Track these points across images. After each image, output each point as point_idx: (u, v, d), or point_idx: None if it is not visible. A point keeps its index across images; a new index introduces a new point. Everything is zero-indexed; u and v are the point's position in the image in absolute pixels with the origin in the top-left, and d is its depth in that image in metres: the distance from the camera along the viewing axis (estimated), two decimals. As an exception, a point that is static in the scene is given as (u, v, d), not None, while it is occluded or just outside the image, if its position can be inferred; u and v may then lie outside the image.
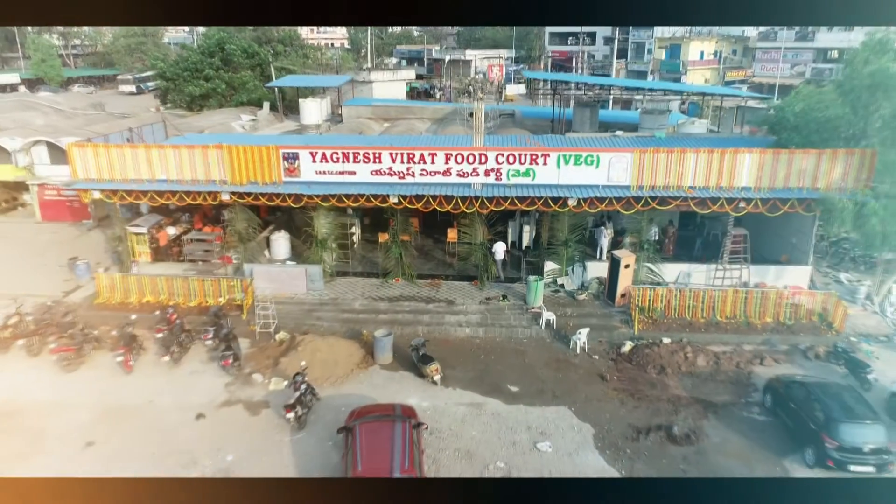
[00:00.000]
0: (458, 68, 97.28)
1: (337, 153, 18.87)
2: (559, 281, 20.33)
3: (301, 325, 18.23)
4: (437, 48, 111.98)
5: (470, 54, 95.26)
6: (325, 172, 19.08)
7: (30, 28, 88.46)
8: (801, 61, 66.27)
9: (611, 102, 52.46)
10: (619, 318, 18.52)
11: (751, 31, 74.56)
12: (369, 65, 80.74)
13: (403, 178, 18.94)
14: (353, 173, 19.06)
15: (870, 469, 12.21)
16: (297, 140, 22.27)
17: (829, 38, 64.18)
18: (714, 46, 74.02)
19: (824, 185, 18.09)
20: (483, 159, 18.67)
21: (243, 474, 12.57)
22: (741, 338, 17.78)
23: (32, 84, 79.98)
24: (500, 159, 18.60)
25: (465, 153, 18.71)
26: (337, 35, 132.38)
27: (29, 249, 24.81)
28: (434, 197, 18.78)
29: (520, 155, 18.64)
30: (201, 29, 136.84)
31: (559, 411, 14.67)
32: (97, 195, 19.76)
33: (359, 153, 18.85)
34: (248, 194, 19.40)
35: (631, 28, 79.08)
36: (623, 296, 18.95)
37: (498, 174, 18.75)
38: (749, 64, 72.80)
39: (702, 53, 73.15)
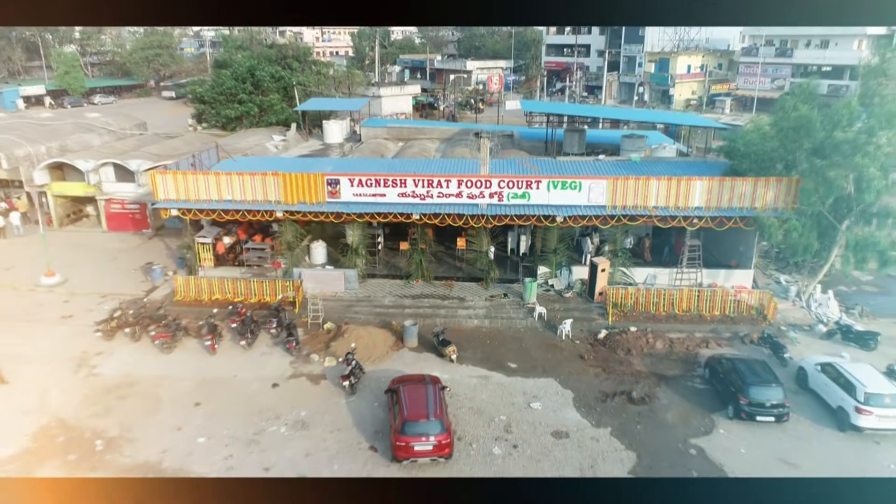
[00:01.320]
0: (460, 79, 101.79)
1: (371, 179, 23.43)
2: (550, 282, 24.91)
3: (343, 317, 22.81)
4: (440, 58, 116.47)
5: (470, 65, 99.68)
6: (360, 194, 23.63)
7: (50, 35, 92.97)
8: (781, 76, 70.71)
9: (601, 121, 57.10)
10: (597, 312, 23.14)
11: (736, 45, 79.09)
12: (377, 78, 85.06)
13: (424, 199, 23.49)
14: (384, 195, 23.61)
15: (771, 419, 16.82)
16: (337, 167, 26.65)
17: (806, 54, 68.74)
18: (700, 60, 78.40)
19: (760, 205, 22.70)
20: (488, 184, 23.25)
21: (315, 427, 17.12)
22: (693, 327, 22.40)
23: (56, 95, 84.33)
24: (502, 184, 23.18)
25: (474, 179, 23.28)
26: (342, 44, 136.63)
27: (103, 255, 29.37)
28: (448, 214, 23.39)
29: (518, 181, 23.23)
30: (210, 33, 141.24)
31: (547, 381, 19.27)
32: (174, 212, 24.32)
33: (388, 179, 23.41)
34: (298, 212, 23.98)
35: (623, 42, 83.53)
36: (600, 294, 23.56)
37: (500, 196, 23.34)
38: (733, 77, 77.26)
39: (689, 67, 77.55)
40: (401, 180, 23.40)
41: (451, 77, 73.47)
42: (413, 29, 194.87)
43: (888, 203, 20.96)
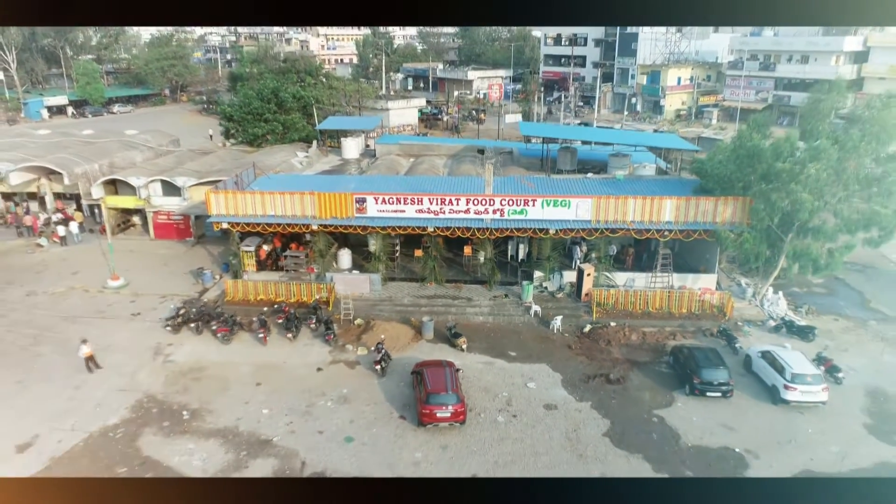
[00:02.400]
0: (461, 87, 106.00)
1: (392, 198, 27.70)
2: (544, 284, 29.19)
3: (370, 314, 27.09)
4: (441, 66, 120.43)
5: (472, 75, 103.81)
6: (383, 210, 27.88)
7: (70, 50, 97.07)
8: (764, 88, 75.07)
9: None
10: (583, 310, 27.44)
11: (724, 58, 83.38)
12: (383, 88, 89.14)
13: (437, 214, 27.74)
14: (403, 211, 27.86)
15: (718, 394, 21.11)
16: (360, 185, 30.89)
17: (788, 68, 73.05)
18: (690, 72, 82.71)
19: (720, 220, 26.97)
20: (492, 202, 27.52)
21: (354, 401, 21.38)
22: (664, 322, 26.70)
23: (78, 105, 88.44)
24: (503, 202, 27.46)
25: (480, 198, 27.54)
26: (347, 52, 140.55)
27: (155, 261, 33.64)
28: (458, 227, 27.67)
29: (516, 199, 27.50)
30: (216, 37, 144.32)
31: (541, 366, 23.56)
32: (225, 226, 28.60)
33: (407, 198, 27.67)
34: (330, 225, 28.27)
35: (617, 54, 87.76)
36: (586, 294, 27.86)
37: (501, 212, 27.60)
38: (721, 88, 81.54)
39: (679, 79, 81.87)
40: (418, 198, 27.67)
41: (455, 93, 77.43)
42: (413, 32, 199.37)
43: (825, 220, 25.19)
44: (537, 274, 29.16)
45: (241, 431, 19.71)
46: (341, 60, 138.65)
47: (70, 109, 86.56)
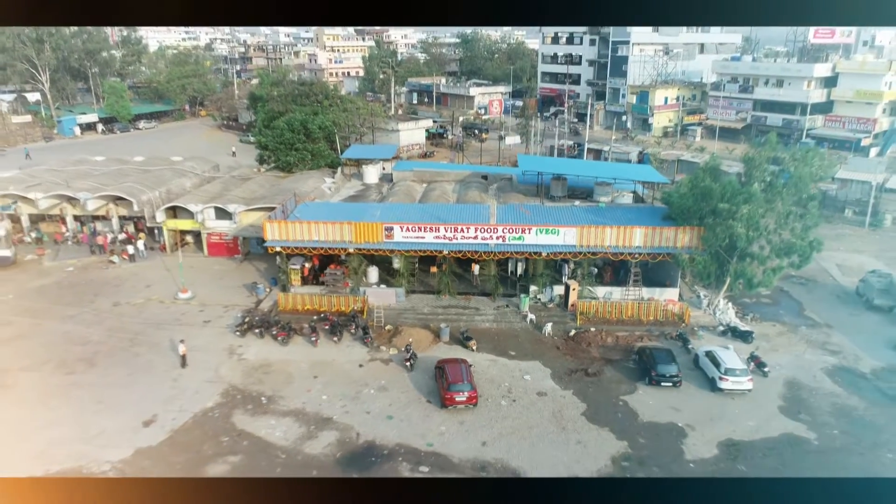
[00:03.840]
0: (463, 103, 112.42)
1: (414, 226, 34.11)
2: (538, 296, 35.61)
3: (397, 321, 33.52)
4: (444, 80, 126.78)
5: (473, 91, 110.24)
6: (407, 237, 34.31)
7: (97, 69, 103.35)
8: (744, 109, 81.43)
9: (585, 152, 67.91)
10: (570, 318, 33.89)
11: (707, 79, 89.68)
12: (392, 106, 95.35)
13: (451, 240, 34.17)
14: (423, 237, 34.29)
15: (670, 384, 27.52)
16: (384, 213, 37.30)
17: (764, 91, 79.36)
18: (676, 92, 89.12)
19: (680, 245, 33.43)
20: (496, 230, 33.96)
21: (391, 390, 27.76)
22: (634, 328, 33.14)
23: (107, 122, 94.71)
24: (505, 231, 33.90)
25: (485, 227, 33.97)
26: (353, 65, 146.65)
27: (212, 275, 40.05)
28: (468, 250, 34.12)
29: (515, 228, 33.94)
30: (222, 45, 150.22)
31: (535, 363, 29.99)
32: (278, 249, 35.03)
33: (427, 226, 34.05)
34: (364, 248, 34.70)
35: (609, 75, 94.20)
36: (572, 305, 34.31)
37: (503, 238, 34.03)
38: (705, 108, 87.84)
39: (665, 99, 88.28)
40: (435, 227, 34.11)
41: (461, 118, 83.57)
42: (415, 40, 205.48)
43: (763, 246, 31.54)
44: (532, 288, 35.59)
45: (308, 412, 26.16)
46: (348, 73, 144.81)
47: (100, 126, 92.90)
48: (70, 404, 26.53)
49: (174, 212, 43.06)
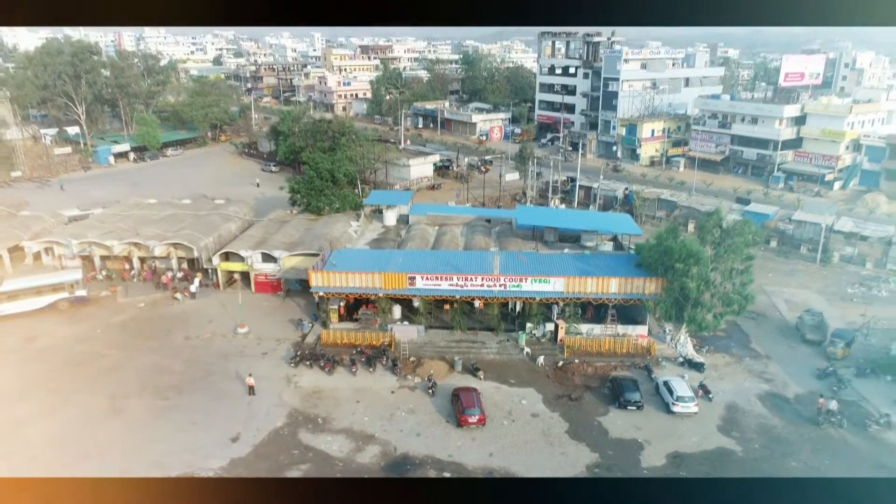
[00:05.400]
0: (466, 129, 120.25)
1: (433, 276, 42.07)
2: (533, 332, 43.54)
3: (419, 353, 41.43)
4: (447, 104, 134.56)
5: (475, 118, 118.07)
6: (426, 284, 42.26)
7: (126, 100, 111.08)
8: (723, 143, 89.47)
9: (577, 189, 75.83)
10: (559, 350, 41.83)
11: (691, 111, 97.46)
12: (401, 137, 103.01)
13: (462, 287, 42.15)
14: (440, 284, 42.26)
15: (634, 408, 35.44)
16: (405, 261, 45.24)
17: (741, 127, 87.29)
18: (663, 125, 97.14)
19: (647, 292, 41.36)
20: (499, 279, 41.91)
21: (418, 412, 35.67)
22: (610, 359, 41.07)
23: (138, 150, 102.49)
24: (506, 280, 41.85)
25: (490, 277, 41.90)
26: (361, 86, 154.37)
27: (261, 312, 47.95)
28: (476, 295, 42.07)
29: (514, 278, 41.89)
30: (230, 61, 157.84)
31: (530, 390, 37.92)
32: (321, 293, 42.97)
33: (442, 276, 42.02)
34: (391, 294, 42.64)
35: (601, 107, 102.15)
36: (561, 340, 42.26)
37: (504, 286, 42.00)
38: (689, 139, 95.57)
39: (652, 131, 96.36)
40: (449, 276, 42.09)
41: (465, 160, 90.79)
42: (417, 52, 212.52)
43: (713, 294, 39.41)
44: (528, 325, 43.55)
45: (355, 430, 34.09)
46: (356, 96, 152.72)
47: (131, 155, 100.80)
48: (171, 424, 34.47)
49: (226, 255, 50.98)
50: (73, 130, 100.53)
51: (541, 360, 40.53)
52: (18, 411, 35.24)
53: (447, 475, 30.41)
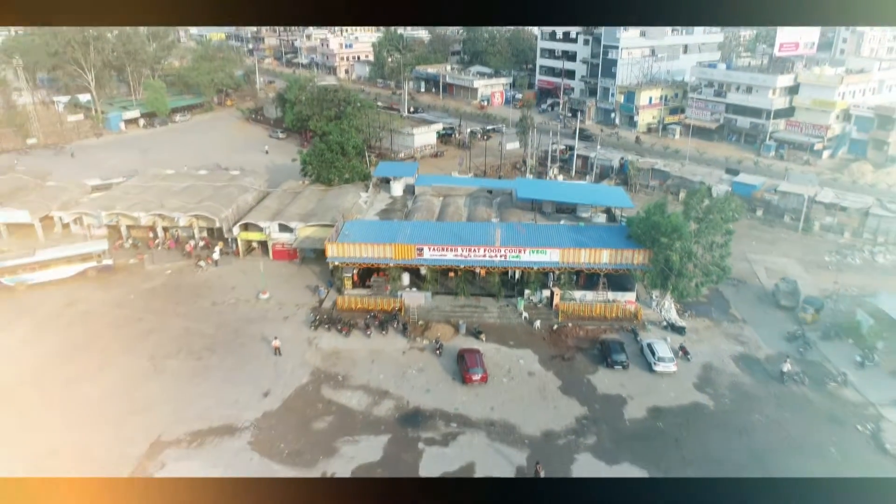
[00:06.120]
0: (468, 94, 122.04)
1: (439, 248, 45.81)
2: (531, 298, 47.53)
3: (427, 318, 45.48)
4: (449, 68, 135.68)
5: (477, 83, 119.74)
6: (433, 254, 46.03)
7: (131, 70, 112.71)
8: (718, 111, 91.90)
9: (574, 158, 78.91)
10: (554, 315, 45.90)
11: (688, 78, 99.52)
12: (404, 102, 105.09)
13: (466, 257, 45.95)
14: (445, 255, 46.04)
15: (620, 368, 39.69)
16: (413, 231, 48.89)
17: (735, 96, 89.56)
18: (660, 93, 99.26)
19: (635, 262, 45.17)
20: (500, 250, 45.66)
21: (427, 371, 39.91)
22: (601, 323, 45.16)
23: (147, 116, 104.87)
24: (506, 251, 45.60)
25: (492, 248, 45.62)
26: (363, 49, 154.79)
27: (280, 278, 51.83)
28: (479, 265, 45.89)
29: (514, 249, 45.63)
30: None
31: (527, 351, 42.11)
32: (337, 262, 46.80)
33: (448, 248, 45.76)
34: (401, 263, 46.47)
35: (600, 75, 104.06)
36: (556, 305, 46.29)
37: (504, 256, 45.79)
38: (686, 106, 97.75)
39: (650, 98, 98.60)
40: (454, 248, 45.84)
41: (469, 130, 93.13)
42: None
43: (695, 265, 43.22)
44: (526, 291, 47.52)
45: (372, 386, 38.38)
46: (358, 58, 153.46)
47: (141, 121, 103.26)
48: (208, 381, 38.77)
49: (245, 225, 54.61)
50: (83, 98, 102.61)
51: (537, 323, 44.61)
52: (71, 370, 39.52)
53: (453, 426, 34.78)
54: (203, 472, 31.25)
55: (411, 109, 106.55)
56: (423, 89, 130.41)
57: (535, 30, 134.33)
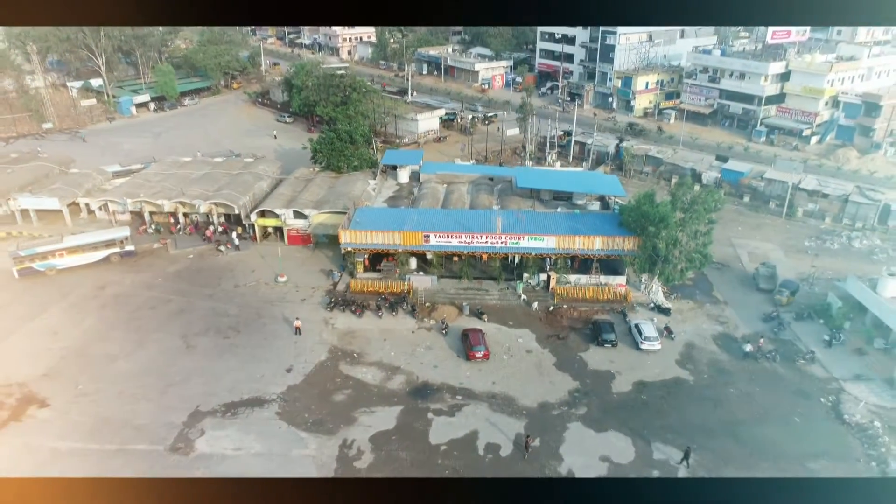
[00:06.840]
0: (469, 77, 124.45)
1: (444, 235, 49.50)
2: (529, 281, 51.36)
3: (433, 300, 49.36)
4: (451, 49, 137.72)
5: (478, 66, 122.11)
6: (439, 241, 49.75)
7: (139, 54, 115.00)
8: (712, 96, 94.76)
9: (572, 144, 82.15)
10: (550, 297, 49.79)
11: (685, 63, 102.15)
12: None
13: (469, 244, 49.68)
14: (450, 241, 49.76)
15: (610, 346, 43.69)
16: (419, 219, 52.52)
17: (729, 82, 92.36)
18: (656, 78, 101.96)
19: (626, 248, 48.92)
20: (501, 237, 49.37)
21: (434, 349, 43.91)
22: (593, 304, 49.06)
23: (157, 100, 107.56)
24: (506, 238, 49.30)
25: (493, 236, 49.31)
26: (365, 29, 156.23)
27: (295, 262, 55.59)
28: (481, 251, 49.65)
29: (514, 236, 49.33)
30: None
31: (525, 331, 46.08)
32: (349, 248, 50.53)
33: (452, 234, 49.46)
34: (409, 249, 50.20)
35: (598, 60, 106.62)
36: (552, 288, 50.14)
37: (505, 243, 49.51)
38: (682, 91, 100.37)
39: (647, 84, 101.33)
40: (458, 235, 49.54)
41: (470, 116, 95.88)
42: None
43: (680, 252, 46.95)
44: (525, 275, 51.34)
45: (384, 363, 42.40)
46: (360, 39, 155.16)
47: (152, 105, 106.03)
48: (236, 358, 42.77)
49: (262, 212, 58.22)
50: (95, 82, 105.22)
51: (535, 305, 48.50)
52: (110, 347, 43.52)
53: (459, 398, 38.87)
54: (238, 438, 35.38)
55: (414, 93, 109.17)
56: (424, 71, 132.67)
57: None
